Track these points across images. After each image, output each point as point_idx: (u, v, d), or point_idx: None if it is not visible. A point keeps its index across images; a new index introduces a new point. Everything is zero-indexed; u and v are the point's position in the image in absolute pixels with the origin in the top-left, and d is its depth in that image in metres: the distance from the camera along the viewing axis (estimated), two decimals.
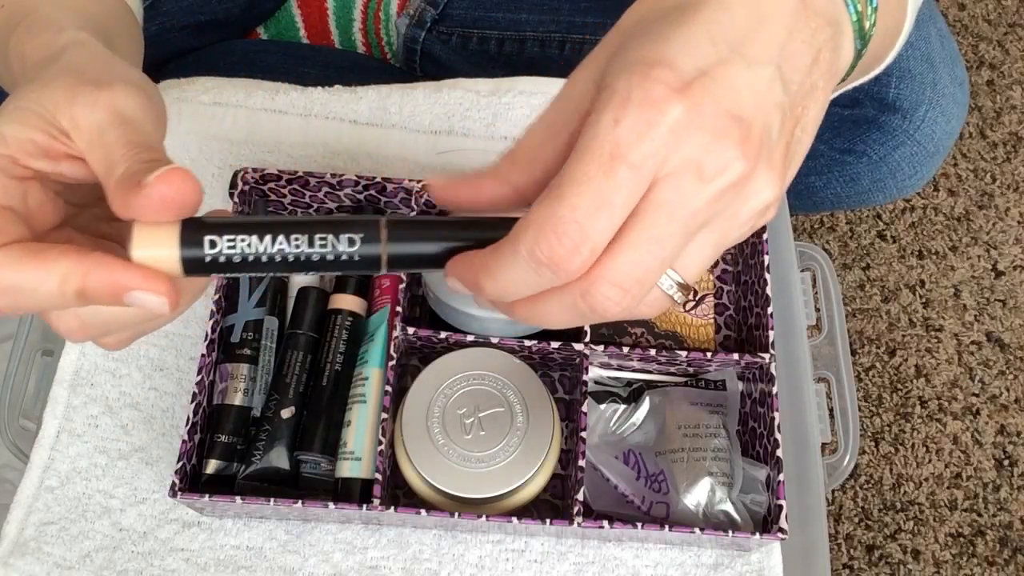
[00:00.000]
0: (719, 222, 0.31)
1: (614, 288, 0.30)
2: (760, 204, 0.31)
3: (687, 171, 0.29)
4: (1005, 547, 0.89)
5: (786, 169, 0.32)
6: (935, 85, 0.70)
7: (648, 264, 0.30)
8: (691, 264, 0.32)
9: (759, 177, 0.31)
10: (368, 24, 0.80)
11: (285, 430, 0.50)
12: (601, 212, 0.29)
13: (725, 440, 0.52)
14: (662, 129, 0.29)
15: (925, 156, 0.73)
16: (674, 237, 0.30)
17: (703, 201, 0.30)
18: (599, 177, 0.29)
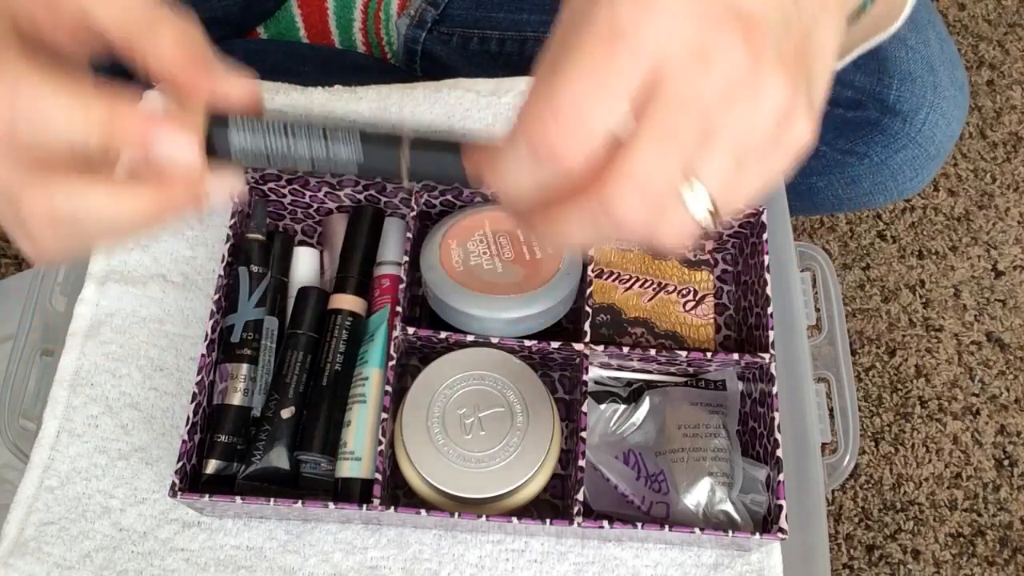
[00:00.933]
0: (735, 123, 0.28)
1: (634, 192, 0.28)
2: (774, 106, 0.29)
3: (691, 57, 0.27)
4: (1005, 547, 0.89)
5: (799, 78, 0.29)
6: (935, 88, 0.70)
7: (668, 162, 0.28)
8: (715, 175, 0.29)
9: (768, 74, 0.28)
10: (368, 24, 0.80)
11: (285, 430, 0.50)
12: (601, 95, 0.27)
13: (725, 440, 0.52)
14: (662, 9, 0.27)
15: (926, 159, 0.73)
16: (690, 131, 0.28)
17: (712, 90, 0.28)
18: (598, 57, 0.27)
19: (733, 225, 0.58)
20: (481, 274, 0.51)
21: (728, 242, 0.60)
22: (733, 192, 0.30)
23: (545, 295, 0.51)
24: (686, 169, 0.28)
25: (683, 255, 0.58)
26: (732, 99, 0.28)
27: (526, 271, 0.52)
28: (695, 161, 0.28)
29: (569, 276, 0.52)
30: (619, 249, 0.57)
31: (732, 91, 0.28)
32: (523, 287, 0.51)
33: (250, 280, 0.53)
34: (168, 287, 0.58)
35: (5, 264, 0.96)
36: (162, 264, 0.59)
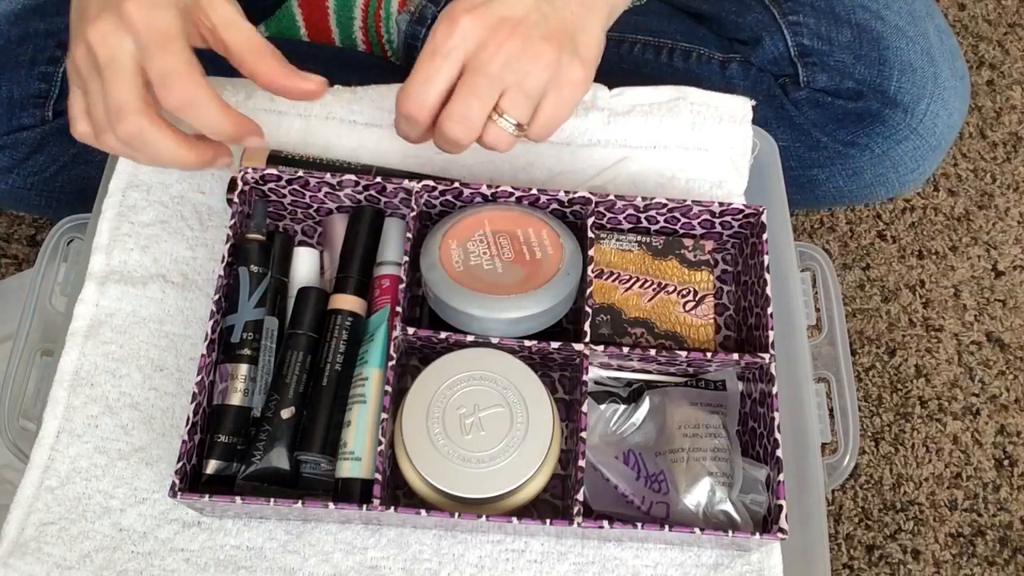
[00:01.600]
0: (520, 76, 0.50)
1: (452, 122, 0.51)
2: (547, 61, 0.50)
3: (481, 49, 0.50)
4: (1005, 547, 0.89)
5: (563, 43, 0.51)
6: (936, 79, 0.71)
7: (470, 103, 0.50)
8: (515, 107, 0.51)
9: (536, 45, 0.50)
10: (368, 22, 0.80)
11: (285, 430, 0.50)
12: (428, 83, 0.50)
13: (725, 440, 0.52)
14: (458, 30, 0.50)
15: (927, 150, 0.73)
16: (481, 84, 0.50)
17: (498, 62, 0.50)
18: (425, 64, 0.50)
19: (733, 225, 0.57)
20: (481, 274, 0.51)
21: (728, 242, 0.60)
22: (542, 115, 0.52)
23: (545, 295, 0.51)
24: (486, 103, 0.50)
25: (682, 255, 0.58)
26: (516, 64, 0.50)
27: (526, 271, 0.52)
28: (501, 103, 0.51)
29: (569, 276, 0.52)
30: (619, 249, 0.57)
31: (513, 60, 0.50)
32: (523, 287, 0.51)
33: (250, 280, 0.53)
34: (168, 287, 0.58)
35: (5, 264, 0.96)
36: (162, 264, 0.59)
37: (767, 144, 0.64)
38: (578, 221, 0.57)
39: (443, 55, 0.50)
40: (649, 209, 0.56)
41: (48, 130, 0.72)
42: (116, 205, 0.60)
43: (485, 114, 0.51)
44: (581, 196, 0.55)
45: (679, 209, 0.56)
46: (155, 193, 0.60)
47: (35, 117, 0.71)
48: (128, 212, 0.60)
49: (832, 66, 0.71)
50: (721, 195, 0.62)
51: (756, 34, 0.73)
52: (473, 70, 0.50)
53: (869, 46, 0.71)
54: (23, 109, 0.70)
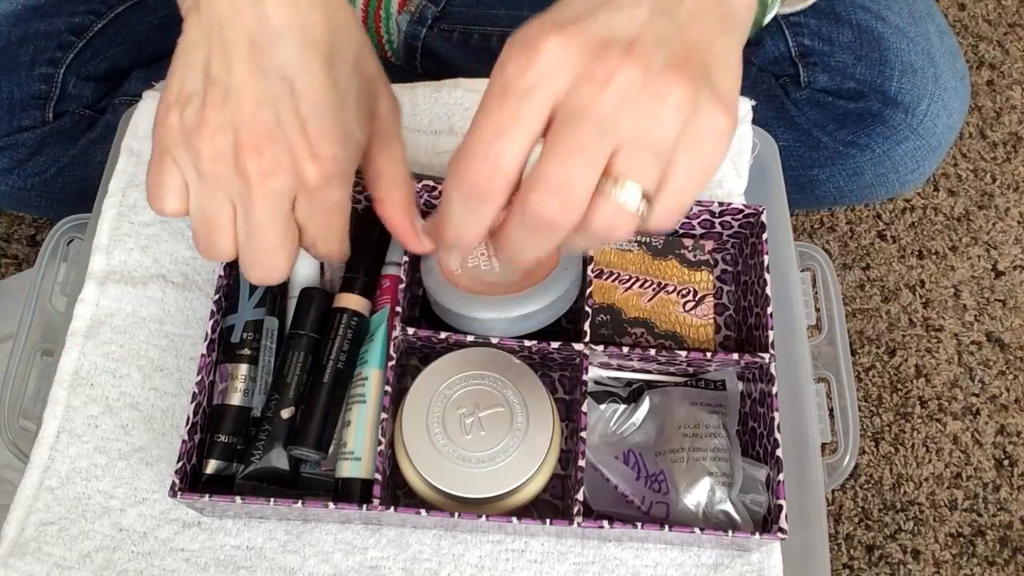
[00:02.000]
0: (642, 124, 0.34)
1: (543, 193, 0.34)
2: (678, 102, 0.34)
3: (580, 84, 0.34)
4: (1005, 547, 0.89)
5: (697, 76, 0.35)
6: (936, 79, 0.71)
7: (571, 166, 0.34)
8: (639, 170, 0.34)
9: (661, 78, 0.34)
10: (369, 21, 0.80)
11: (285, 430, 0.50)
12: (503, 137, 0.34)
13: (725, 440, 0.52)
14: (542, 59, 0.34)
15: (928, 150, 0.73)
16: (589, 138, 0.33)
17: (609, 103, 0.33)
18: (494, 109, 0.34)
19: (733, 225, 0.57)
20: (480, 275, 0.51)
21: (728, 242, 0.60)
22: (674, 183, 0.35)
23: (543, 292, 0.50)
24: (593, 167, 0.34)
25: (682, 255, 0.58)
26: (633, 106, 0.34)
27: (524, 270, 0.52)
28: (617, 162, 0.34)
29: (567, 272, 0.52)
30: (619, 249, 0.57)
31: (631, 100, 0.33)
32: (521, 285, 0.51)
33: None
34: (168, 287, 0.58)
35: (5, 264, 0.96)
36: (162, 264, 0.59)
37: (767, 144, 0.64)
38: None
39: (520, 95, 0.34)
40: None
41: (48, 131, 0.72)
42: (116, 205, 0.60)
43: (592, 180, 0.34)
44: None
45: None
46: None
47: (35, 118, 0.71)
48: (128, 212, 0.60)
49: (833, 66, 0.71)
50: (721, 195, 0.62)
51: (757, 34, 0.73)
52: (571, 116, 0.34)
53: (870, 46, 0.71)
54: (23, 110, 0.70)
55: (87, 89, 0.72)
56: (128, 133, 0.62)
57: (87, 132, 0.73)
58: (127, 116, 0.63)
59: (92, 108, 0.73)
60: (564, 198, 0.34)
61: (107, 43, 0.73)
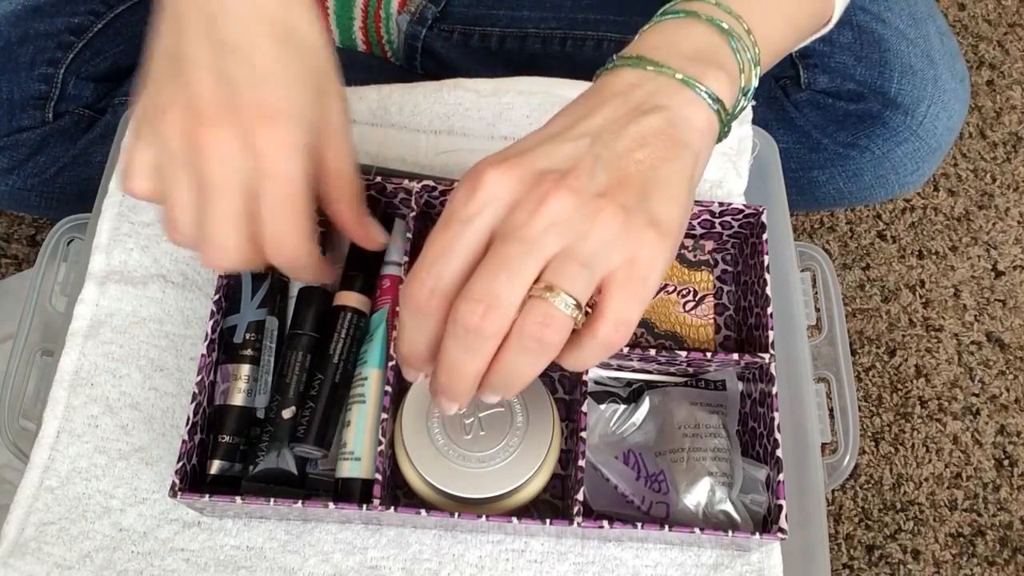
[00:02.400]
0: (574, 243, 0.36)
1: (468, 302, 0.36)
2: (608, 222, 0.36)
3: (514, 210, 0.37)
4: (1005, 547, 0.89)
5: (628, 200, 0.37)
6: (936, 81, 0.71)
7: (495, 278, 0.36)
8: (572, 281, 0.36)
9: (592, 203, 0.37)
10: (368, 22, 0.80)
11: (287, 430, 0.50)
12: (442, 258, 0.37)
13: (725, 440, 0.52)
14: (483, 189, 0.37)
15: (927, 152, 0.73)
16: (515, 255, 0.36)
17: (535, 224, 0.36)
18: (438, 237, 0.38)
19: (733, 225, 0.57)
20: None
21: (728, 242, 0.60)
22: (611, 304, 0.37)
23: None
24: (519, 280, 0.36)
25: (682, 255, 0.58)
26: (563, 227, 0.36)
27: None
28: (547, 274, 0.36)
29: None
30: None
31: (560, 222, 0.36)
32: None
33: (252, 280, 0.53)
34: (168, 287, 0.58)
35: (5, 264, 0.96)
36: (162, 264, 0.59)
37: (767, 144, 0.64)
38: None
39: (461, 222, 0.37)
40: None
41: (48, 132, 0.72)
42: (116, 205, 0.60)
43: (516, 294, 0.36)
44: None
45: None
46: None
47: (35, 119, 0.71)
48: (128, 212, 0.60)
49: (833, 68, 0.71)
50: (721, 195, 0.62)
51: None
52: (501, 237, 0.37)
53: (870, 48, 0.71)
54: (23, 111, 0.70)
55: (87, 89, 0.72)
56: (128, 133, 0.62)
57: (87, 132, 0.73)
58: (127, 116, 0.63)
59: (92, 108, 0.73)
60: (488, 306, 0.36)
61: (107, 43, 0.73)
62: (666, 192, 0.38)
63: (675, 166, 0.39)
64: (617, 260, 0.37)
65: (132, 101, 0.61)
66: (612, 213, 0.37)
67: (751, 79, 0.44)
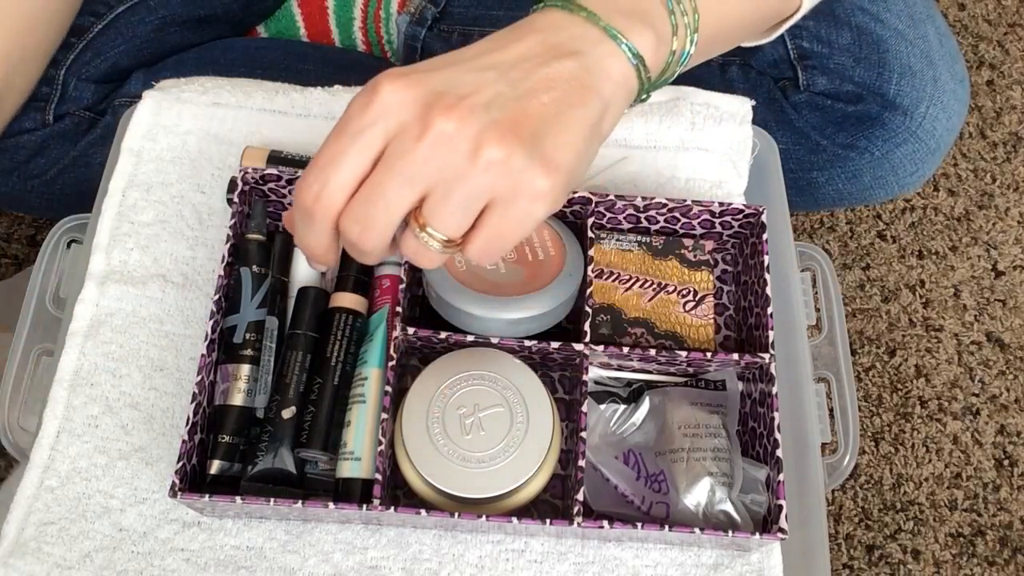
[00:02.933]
0: (450, 175, 0.37)
1: (351, 221, 0.39)
2: (490, 159, 0.37)
3: (403, 132, 0.37)
4: (1005, 547, 0.89)
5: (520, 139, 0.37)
6: (935, 82, 0.71)
7: (373, 204, 0.38)
8: (442, 218, 0.38)
9: (478, 135, 0.37)
10: (368, 23, 0.80)
11: (287, 431, 0.50)
12: (331, 168, 0.38)
13: (725, 440, 0.52)
14: (377, 102, 0.38)
15: (927, 153, 0.73)
16: (390, 181, 0.38)
17: (418, 154, 0.37)
18: (330, 144, 0.38)
19: (733, 225, 0.58)
20: (484, 274, 0.51)
21: (728, 242, 0.60)
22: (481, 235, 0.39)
23: (548, 296, 0.51)
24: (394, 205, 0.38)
25: (682, 255, 0.58)
26: (443, 158, 0.37)
27: (528, 272, 0.52)
28: (423, 210, 0.38)
29: (571, 278, 0.52)
30: (619, 249, 0.57)
31: (442, 153, 0.37)
32: (525, 288, 0.51)
33: (252, 281, 0.53)
34: (168, 287, 0.58)
35: (5, 264, 0.96)
36: (162, 264, 0.59)
37: (767, 144, 0.64)
38: (578, 221, 0.57)
39: (352, 134, 0.38)
40: (649, 209, 0.56)
41: (48, 133, 0.72)
42: (116, 205, 0.60)
43: (392, 220, 0.39)
44: (581, 196, 0.55)
45: (679, 209, 0.56)
46: (155, 193, 0.60)
47: (35, 120, 0.71)
48: (128, 212, 0.60)
49: (832, 69, 0.71)
50: (721, 195, 0.62)
51: None
52: (386, 160, 0.38)
53: (869, 49, 0.71)
54: (24, 112, 0.71)
55: (87, 91, 0.72)
56: (128, 133, 0.62)
57: (87, 134, 0.73)
58: (127, 116, 0.63)
59: (92, 110, 0.73)
60: (364, 230, 0.39)
61: (107, 44, 0.73)
62: (563, 136, 0.39)
63: (579, 112, 0.40)
64: (497, 193, 0.38)
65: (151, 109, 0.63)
66: (496, 147, 0.37)
67: (685, 44, 0.45)
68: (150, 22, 0.75)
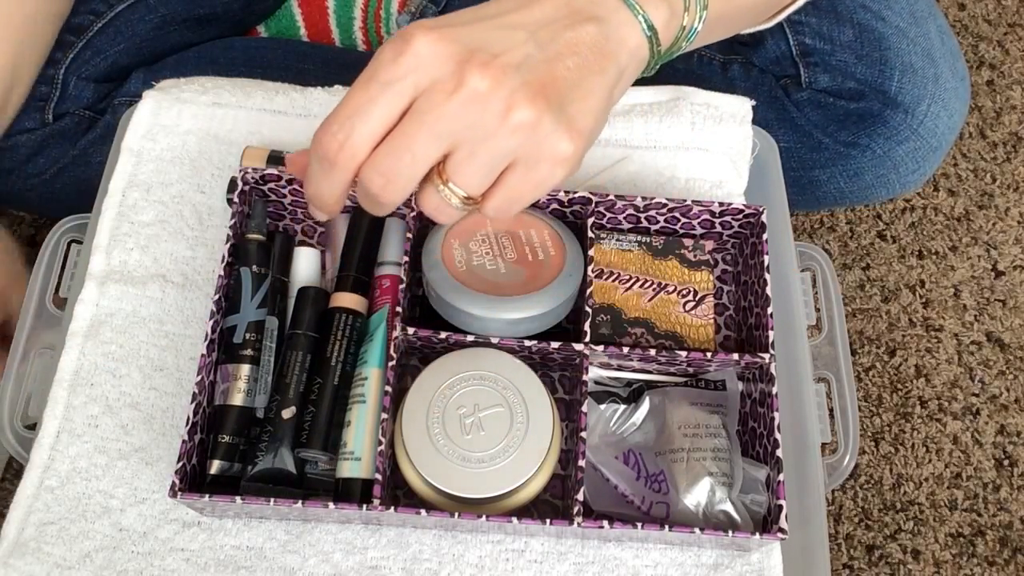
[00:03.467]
0: (477, 132, 0.37)
1: (374, 173, 0.38)
2: (519, 120, 0.37)
3: (435, 86, 0.37)
4: (1005, 547, 0.89)
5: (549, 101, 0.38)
6: (937, 80, 0.71)
7: (399, 157, 0.38)
8: (465, 174, 0.38)
9: (508, 94, 0.37)
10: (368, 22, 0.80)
11: (287, 431, 0.50)
12: (358, 117, 0.37)
13: (725, 440, 0.52)
14: (410, 54, 0.37)
15: (928, 151, 0.73)
16: (422, 140, 0.37)
17: (449, 109, 0.37)
18: (357, 92, 0.38)
19: (733, 225, 0.57)
20: (484, 274, 0.51)
21: (728, 242, 0.60)
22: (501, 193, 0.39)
23: (548, 297, 0.50)
24: (420, 159, 0.38)
25: (682, 255, 0.58)
26: (473, 115, 0.37)
27: (528, 272, 0.52)
28: (447, 166, 0.38)
29: (571, 279, 0.52)
30: (619, 249, 0.57)
31: (473, 109, 0.37)
32: (526, 288, 0.51)
33: (252, 281, 0.53)
34: (168, 287, 0.58)
35: None
36: (162, 264, 0.59)
37: (767, 144, 0.64)
38: (578, 221, 0.57)
39: (382, 84, 0.37)
40: (649, 209, 0.56)
41: (48, 133, 0.72)
42: (116, 205, 0.60)
43: (417, 175, 0.39)
44: (581, 196, 0.55)
45: (679, 209, 0.56)
46: (155, 193, 0.60)
47: (35, 120, 0.71)
48: (128, 212, 0.60)
49: (834, 66, 0.71)
50: (721, 195, 0.62)
51: (758, 34, 0.73)
52: (416, 113, 0.37)
53: (870, 46, 0.71)
54: (23, 112, 0.71)
55: (87, 90, 0.72)
56: (128, 133, 0.62)
57: (87, 133, 0.73)
58: (127, 116, 0.63)
59: (92, 109, 0.73)
60: (388, 183, 0.38)
61: (107, 43, 0.73)
62: (586, 102, 0.39)
63: (600, 79, 0.40)
64: (521, 154, 0.38)
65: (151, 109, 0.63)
66: (527, 109, 0.37)
67: (694, 20, 0.45)
68: (150, 21, 0.75)
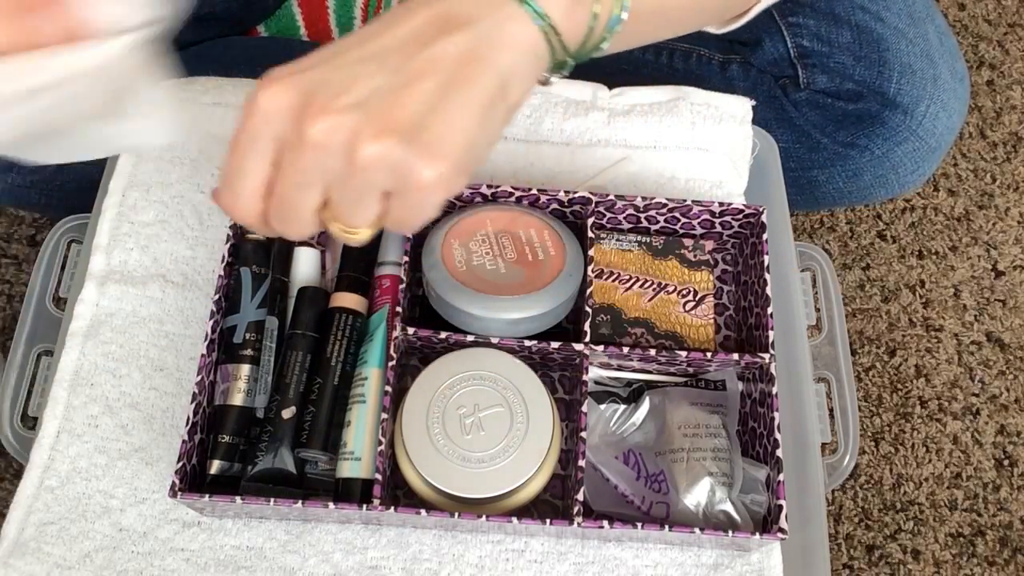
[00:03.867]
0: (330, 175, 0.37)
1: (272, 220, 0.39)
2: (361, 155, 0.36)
3: (284, 142, 0.37)
4: (1005, 547, 0.89)
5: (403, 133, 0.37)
6: (936, 80, 0.71)
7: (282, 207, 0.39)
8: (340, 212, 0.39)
9: (341, 139, 0.36)
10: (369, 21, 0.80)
11: (287, 431, 0.50)
12: (237, 179, 0.39)
13: (725, 440, 0.52)
14: (254, 113, 0.38)
15: (927, 151, 0.73)
16: (288, 189, 0.38)
17: (301, 160, 0.37)
18: (231, 155, 0.39)
19: (733, 225, 0.57)
20: (484, 274, 0.51)
21: (728, 242, 0.60)
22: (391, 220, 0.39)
23: (547, 297, 0.50)
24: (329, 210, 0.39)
25: (682, 255, 0.58)
26: (324, 161, 0.37)
27: (528, 272, 0.52)
28: (330, 205, 0.39)
29: (571, 279, 0.52)
30: (619, 249, 0.57)
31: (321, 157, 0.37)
32: (525, 288, 0.51)
33: (252, 281, 0.53)
34: (168, 287, 0.58)
35: (5, 264, 0.96)
36: (162, 264, 0.59)
37: (767, 144, 0.64)
38: (578, 221, 0.57)
39: (248, 140, 0.38)
40: (649, 209, 0.56)
41: None
42: (116, 205, 0.60)
43: (306, 218, 0.39)
44: (581, 196, 0.55)
45: (679, 209, 0.56)
46: (155, 193, 0.60)
47: None
48: (128, 212, 0.60)
49: (832, 67, 0.71)
50: (721, 195, 0.62)
51: (756, 35, 0.73)
52: (280, 168, 0.38)
53: (869, 47, 0.71)
54: None
55: None
56: None
57: None
58: None
59: None
60: (286, 227, 0.40)
61: None
62: (448, 122, 0.37)
63: (469, 93, 0.38)
64: (388, 186, 0.38)
65: None
66: (372, 145, 0.36)
67: (612, 7, 0.42)
68: None
